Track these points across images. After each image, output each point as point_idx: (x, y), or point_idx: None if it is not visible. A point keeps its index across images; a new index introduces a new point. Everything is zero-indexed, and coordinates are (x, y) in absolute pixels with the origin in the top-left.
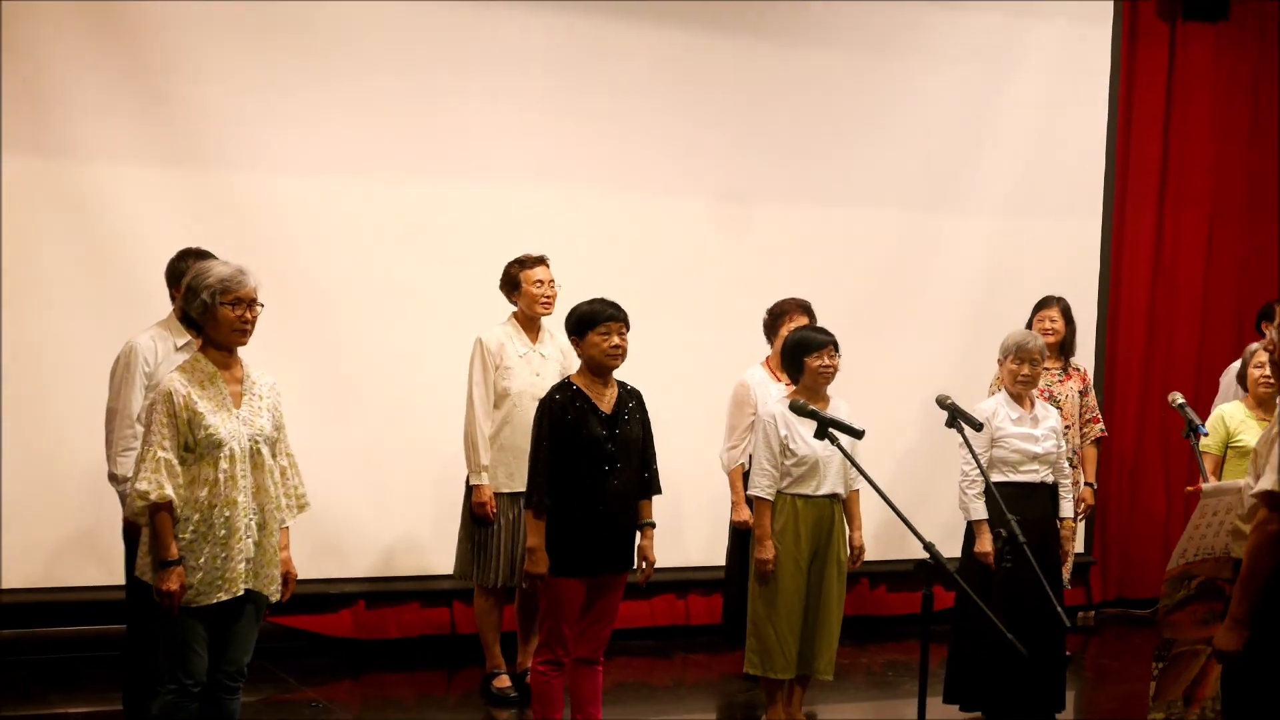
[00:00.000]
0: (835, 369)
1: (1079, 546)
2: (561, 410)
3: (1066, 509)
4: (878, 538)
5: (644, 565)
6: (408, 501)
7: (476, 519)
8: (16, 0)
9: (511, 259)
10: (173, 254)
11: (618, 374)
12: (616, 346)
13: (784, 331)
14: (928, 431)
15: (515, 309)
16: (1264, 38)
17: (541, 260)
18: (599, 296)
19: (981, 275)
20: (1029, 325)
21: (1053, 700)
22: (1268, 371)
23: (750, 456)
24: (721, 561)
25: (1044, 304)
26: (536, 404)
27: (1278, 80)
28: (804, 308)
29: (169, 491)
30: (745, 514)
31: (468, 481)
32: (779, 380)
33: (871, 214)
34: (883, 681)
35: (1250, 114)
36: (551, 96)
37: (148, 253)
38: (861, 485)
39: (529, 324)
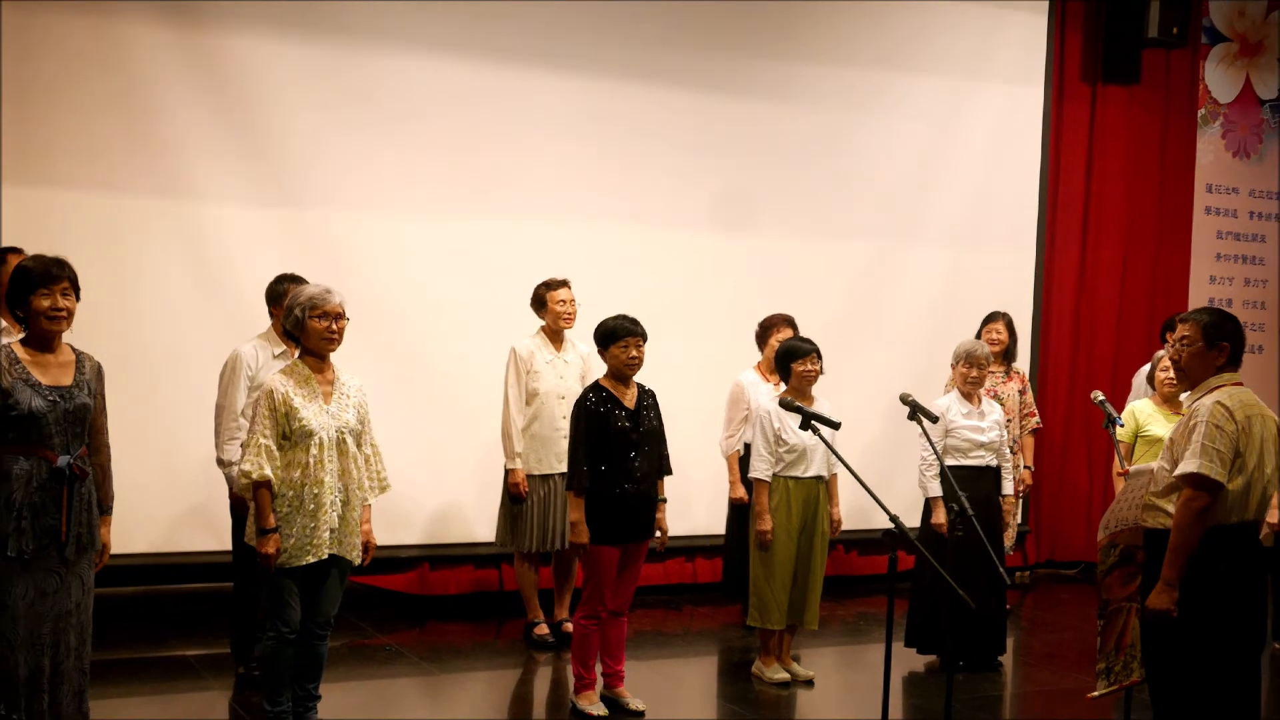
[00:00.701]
0: (818, 373)
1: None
2: (595, 408)
3: (1008, 488)
4: (851, 512)
5: (659, 534)
6: (458, 481)
7: (512, 496)
8: (144, 62)
9: (539, 282)
10: (271, 279)
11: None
12: (634, 358)
13: (773, 341)
14: (892, 424)
15: (543, 323)
16: (1169, 99)
17: (564, 283)
18: (622, 313)
19: (937, 295)
20: (978, 335)
21: (995, 645)
22: (1171, 374)
23: (744, 444)
24: (722, 530)
25: (991, 318)
26: (560, 402)
27: (1180, 133)
28: (789, 321)
29: (268, 472)
30: (741, 492)
31: (505, 465)
32: (768, 381)
33: (846, 245)
34: (855, 630)
35: (1157, 162)
36: (577, 150)
37: (249, 278)
38: (839, 469)
39: (554, 336)
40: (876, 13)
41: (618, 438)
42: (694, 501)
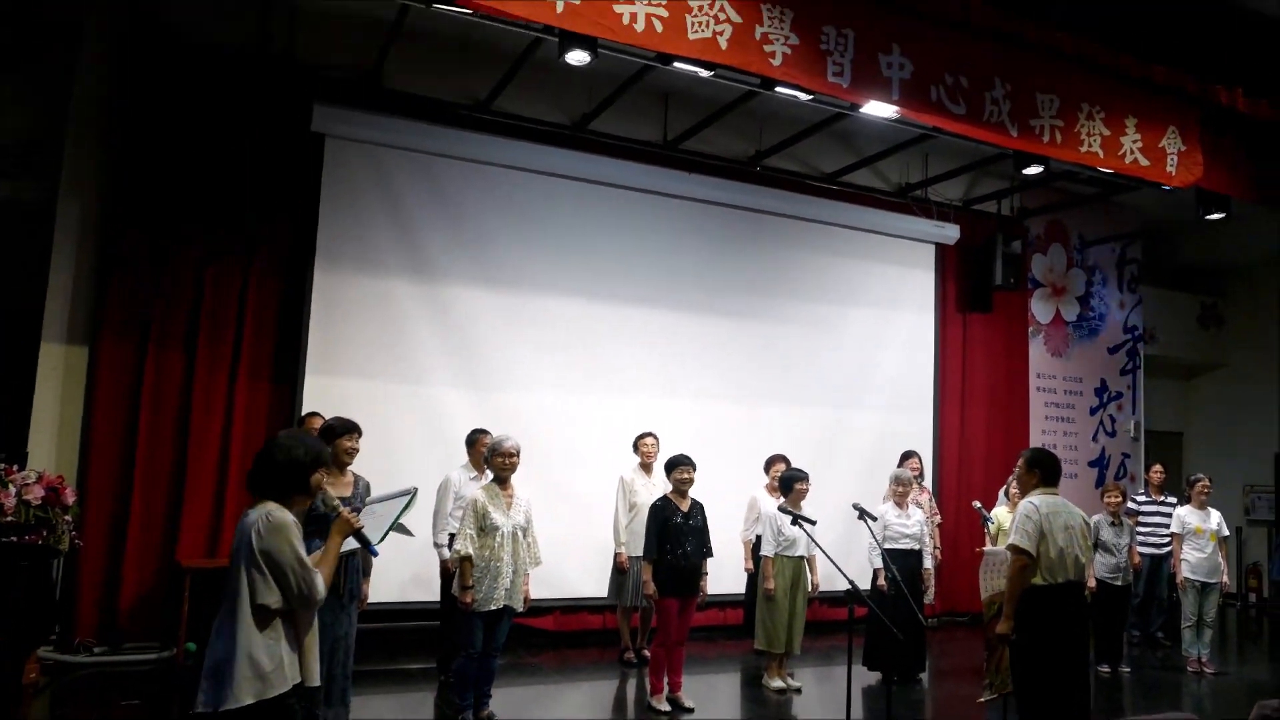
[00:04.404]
0: (807, 491)
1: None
2: (661, 511)
3: (928, 563)
4: (822, 578)
5: (701, 594)
6: (584, 558)
7: (618, 568)
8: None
9: (637, 434)
10: (469, 430)
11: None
12: (686, 479)
13: (773, 471)
14: (848, 523)
15: (638, 460)
16: (1009, 322)
17: (651, 434)
18: (681, 452)
19: (874, 441)
20: (899, 465)
21: (918, 665)
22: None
23: (755, 535)
24: (742, 589)
25: (908, 454)
26: (649, 509)
27: (1018, 343)
28: (784, 458)
29: (471, 551)
30: (752, 566)
31: (615, 549)
32: (772, 495)
33: (816, 410)
34: (827, 656)
35: (1005, 360)
36: (654, 353)
37: (456, 430)
38: (816, 551)
39: (646, 467)
40: (832, 269)
41: (674, 531)
42: (723, 571)
